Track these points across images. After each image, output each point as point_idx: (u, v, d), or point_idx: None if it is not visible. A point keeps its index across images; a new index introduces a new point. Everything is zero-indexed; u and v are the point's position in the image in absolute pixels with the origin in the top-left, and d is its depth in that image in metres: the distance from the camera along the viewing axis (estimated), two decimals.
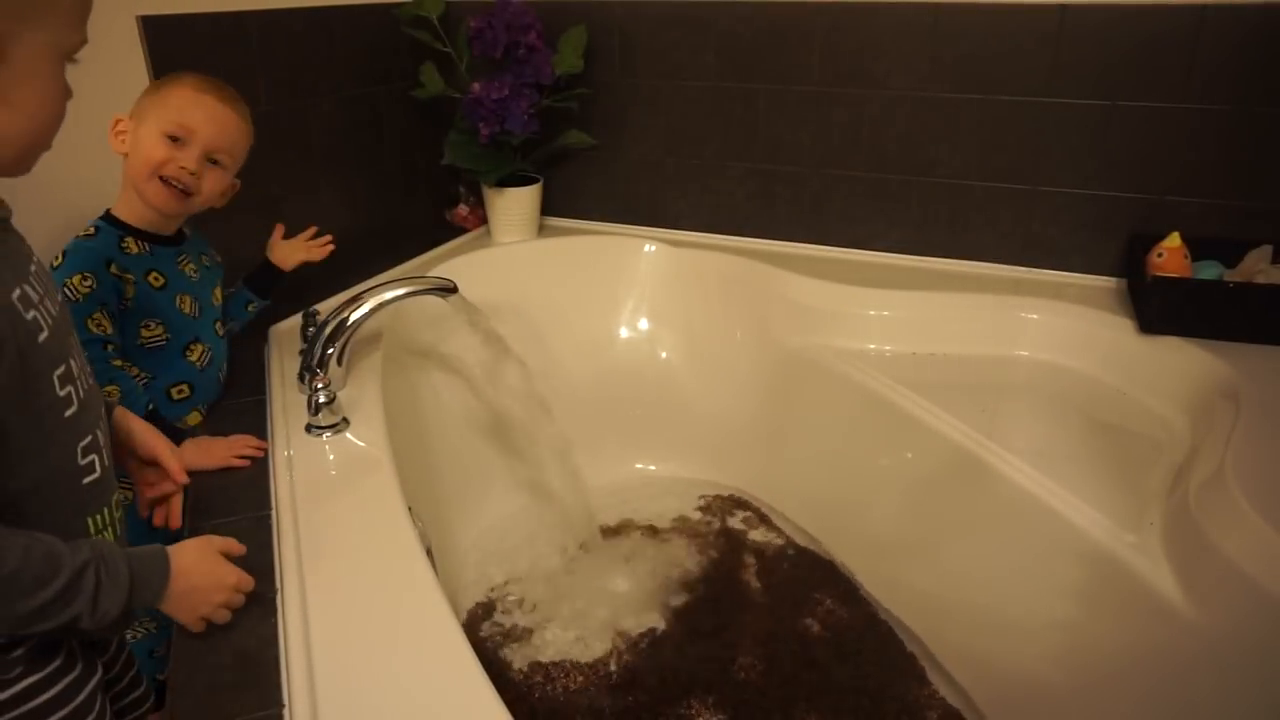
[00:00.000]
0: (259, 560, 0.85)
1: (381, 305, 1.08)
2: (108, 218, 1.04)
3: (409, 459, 1.04)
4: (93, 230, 1.02)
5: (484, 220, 1.82)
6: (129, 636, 1.07)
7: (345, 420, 1.06)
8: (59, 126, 0.65)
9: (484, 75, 1.62)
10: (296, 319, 1.32)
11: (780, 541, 1.54)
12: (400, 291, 1.10)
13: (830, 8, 1.51)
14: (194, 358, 1.09)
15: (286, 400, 1.13)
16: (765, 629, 1.35)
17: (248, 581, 0.77)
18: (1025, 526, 1.12)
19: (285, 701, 0.69)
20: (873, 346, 1.49)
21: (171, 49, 1.23)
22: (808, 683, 1.26)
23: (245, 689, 0.70)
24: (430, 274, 1.38)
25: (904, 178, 1.59)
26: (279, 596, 0.81)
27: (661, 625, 1.36)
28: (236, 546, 0.80)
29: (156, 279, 1.05)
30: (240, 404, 1.16)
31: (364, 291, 1.09)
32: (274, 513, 0.92)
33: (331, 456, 1.02)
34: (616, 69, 1.72)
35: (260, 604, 0.80)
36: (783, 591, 1.43)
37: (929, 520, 1.29)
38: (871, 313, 1.50)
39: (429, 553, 0.87)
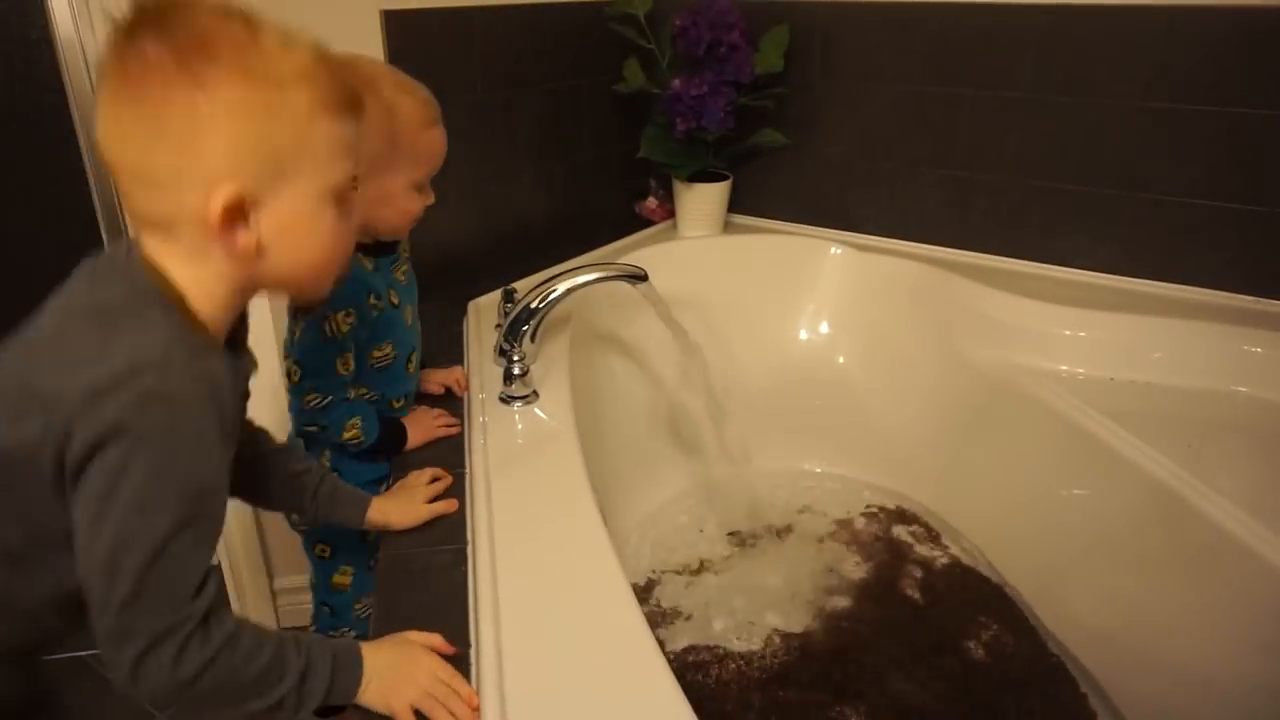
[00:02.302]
0: (454, 514, 0.93)
1: (578, 287, 1.13)
2: None
3: (585, 436, 1.09)
4: None
5: (672, 214, 1.86)
6: (317, 554, 1.12)
7: (535, 393, 1.13)
8: (344, 258, 0.68)
9: (684, 72, 1.66)
10: (495, 295, 1.41)
11: (946, 559, 1.49)
12: (595, 275, 1.15)
13: (1051, 9, 1.44)
14: (412, 369, 1.09)
15: (483, 370, 1.21)
16: (924, 645, 1.31)
17: (448, 670, 0.71)
18: (1233, 577, 1.03)
19: (473, 641, 0.75)
20: (1065, 368, 1.42)
21: (406, 42, 1.34)
22: (966, 707, 1.22)
23: (438, 627, 0.77)
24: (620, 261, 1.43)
25: (1116, 193, 1.49)
26: (470, 548, 0.88)
27: (816, 626, 1.36)
28: (443, 644, 0.74)
29: (394, 298, 1.02)
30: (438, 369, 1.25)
31: (561, 273, 1.15)
32: (468, 471, 0.99)
33: (520, 426, 1.09)
34: (816, 69, 1.71)
35: (453, 554, 0.87)
36: (945, 610, 1.38)
37: (1118, 557, 1.21)
38: (1066, 332, 1.43)
39: None
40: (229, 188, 0.58)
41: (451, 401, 1.14)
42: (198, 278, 0.62)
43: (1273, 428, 1.25)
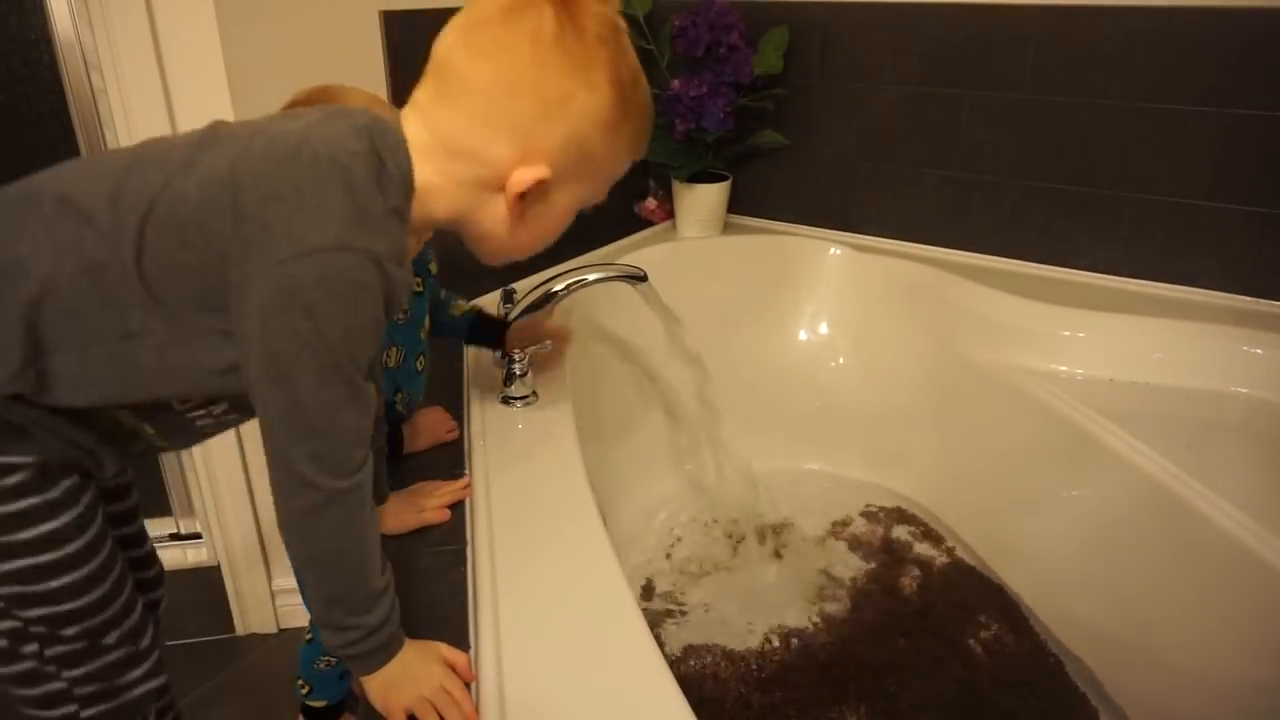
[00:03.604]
0: (454, 515, 0.93)
1: (578, 287, 1.13)
2: None
3: (585, 436, 1.09)
4: None
5: (671, 214, 1.86)
6: None
7: (535, 394, 1.13)
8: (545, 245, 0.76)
9: (684, 73, 1.66)
10: (494, 295, 1.41)
11: (946, 559, 1.50)
12: (595, 275, 1.15)
13: (1051, 9, 1.44)
14: (420, 367, 1.09)
15: (481, 370, 1.21)
16: (924, 646, 1.31)
17: (455, 684, 0.70)
18: (1232, 577, 1.03)
19: (473, 642, 0.75)
20: (1064, 369, 1.42)
21: (405, 43, 1.34)
22: (967, 707, 1.22)
23: (438, 628, 0.77)
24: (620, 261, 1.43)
25: (1116, 193, 1.49)
26: (470, 548, 0.88)
27: (815, 626, 1.36)
28: (466, 668, 0.72)
29: (404, 312, 1.02)
30: (439, 370, 1.25)
31: (561, 273, 1.15)
32: (468, 472, 0.99)
33: (520, 426, 1.09)
34: (815, 70, 1.71)
35: (453, 555, 0.87)
36: (945, 610, 1.38)
37: (1117, 558, 1.21)
38: (1065, 333, 1.43)
39: None
40: (543, 170, 0.64)
41: (455, 403, 1.14)
42: (438, 189, 0.65)
43: (1272, 429, 1.25)
